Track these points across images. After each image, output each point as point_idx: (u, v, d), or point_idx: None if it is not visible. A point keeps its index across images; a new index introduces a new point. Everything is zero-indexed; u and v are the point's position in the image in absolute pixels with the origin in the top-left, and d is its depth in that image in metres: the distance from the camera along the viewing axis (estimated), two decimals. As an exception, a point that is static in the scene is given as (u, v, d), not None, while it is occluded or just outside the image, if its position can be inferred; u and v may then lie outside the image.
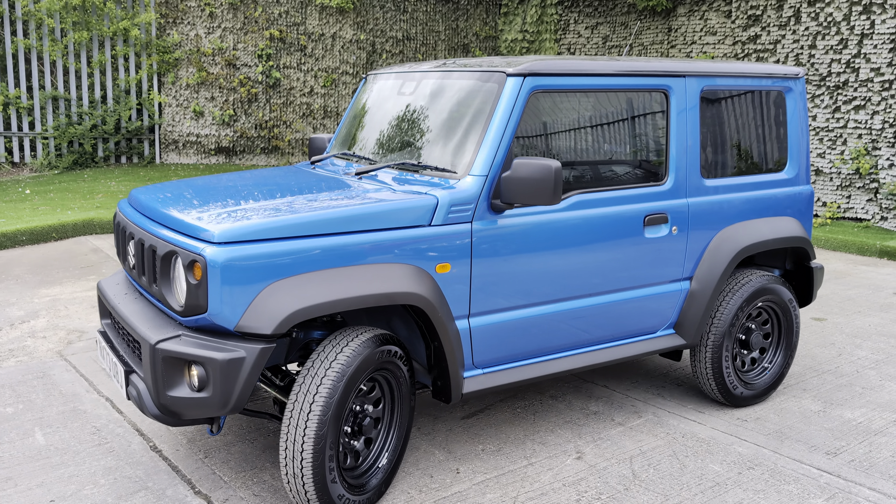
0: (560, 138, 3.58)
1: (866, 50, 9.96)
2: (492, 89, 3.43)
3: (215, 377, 2.75)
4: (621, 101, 3.74)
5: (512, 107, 3.35)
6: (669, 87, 3.85)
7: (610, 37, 12.89)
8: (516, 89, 3.37)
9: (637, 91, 3.77)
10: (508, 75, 3.40)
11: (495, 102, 3.38)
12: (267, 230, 2.85)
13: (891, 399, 4.57)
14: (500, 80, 3.42)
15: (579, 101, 3.60)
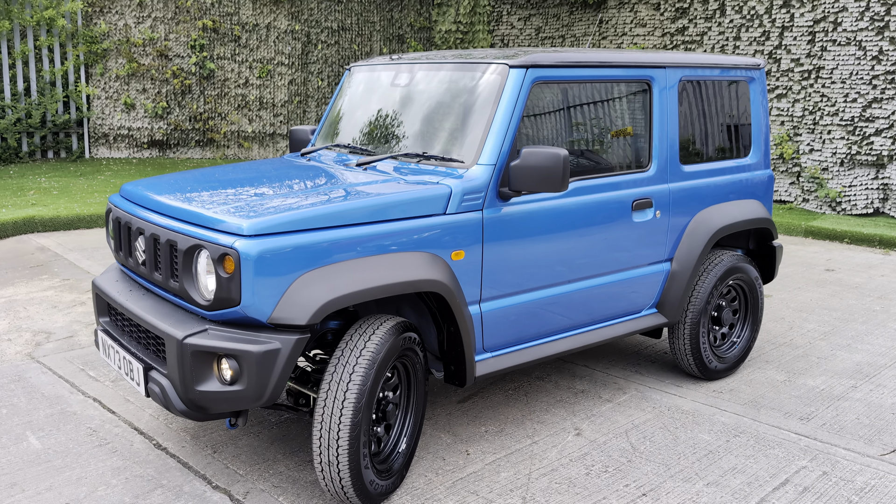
0: (556, 127, 3.70)
1: (787, 41, 10.54)
2: (495, 81, 3.53)
3: (250, 370, 2.75)
4: (611, 91, 3.90)
5: (516, 97, 3.46)
6: (653, 78, 4.04)
7: (543, 28, 13.16)
8: (519, 80, 3.48)
9: (625, 81, 3.94)
10: (511, 67, 3.50)
11: (499, 93, 3.47)
12: (295, 222, 2.86)
13: (844, 367, 4.94)
14: (502, 72, 3.52)
15: (573, 92, 3.74)
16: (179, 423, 3.87)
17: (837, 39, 10.12)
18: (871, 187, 10.12)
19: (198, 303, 2.91)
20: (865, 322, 5.94)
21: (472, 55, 3.81)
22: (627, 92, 3.97)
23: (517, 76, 3.48)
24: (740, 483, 3.43)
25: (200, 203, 3.09)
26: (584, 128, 3.82)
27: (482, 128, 3.46)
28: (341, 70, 13.07)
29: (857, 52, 9.98)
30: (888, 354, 5.19)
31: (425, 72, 3.86)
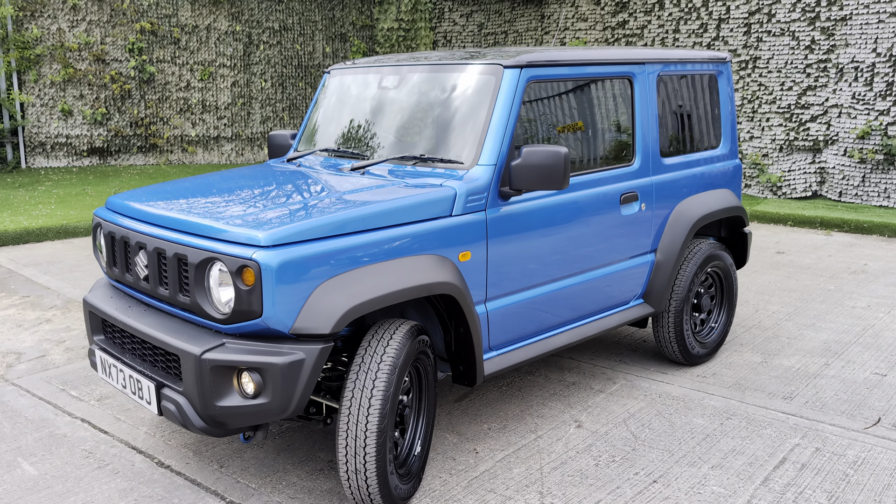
0: (548, 124, 3.76)
1: (724, 33, 10.89)
2: (489, 81, 3.55)
3: (275, 382, 2.71)
4: (597, 88, 3.98)
5: (513, 97, 3.49)
6: (634, 74, 4.13)
7: (485, 24, 13.25)
8: (514, 80, 3.51)
9: (609, 78, 4.02)
10: (505, 67, 3.53)
11: (495, 93, 3.50)
12: (312, 230, 2.83)
13: (813, 346, 5.16)
14: (496, 73, 3.54)
15: (562, 89, 3.80)
16: (178, 439, 3.78)
17: (772, 30, 10.51)
18: (808, 171, 10.56)
19: (212, 317, 2.85)
20: (823, 301, 6.21)
21: (462, 56, 3.83)
22: (612, 88, 4.05)
23: (512, 76, 3.51)
24: (742, 464, 3.56)
25: (208, 215, 3.02)
26: (572, 122, 3.88)
27: (480, 128, 3.48)
28: (284, 71, 12.88)
29: (790, 42, 10.39)
30: (851, 332, 5.45)
31: (415, 73, 3.86)
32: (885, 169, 9.91)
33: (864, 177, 10.08)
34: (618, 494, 3.29)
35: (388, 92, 3.94)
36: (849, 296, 6.38)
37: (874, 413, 4.12)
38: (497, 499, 3.25)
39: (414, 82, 3.85)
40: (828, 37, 10.08)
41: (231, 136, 12.46)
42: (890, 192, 9.90)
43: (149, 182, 10.73)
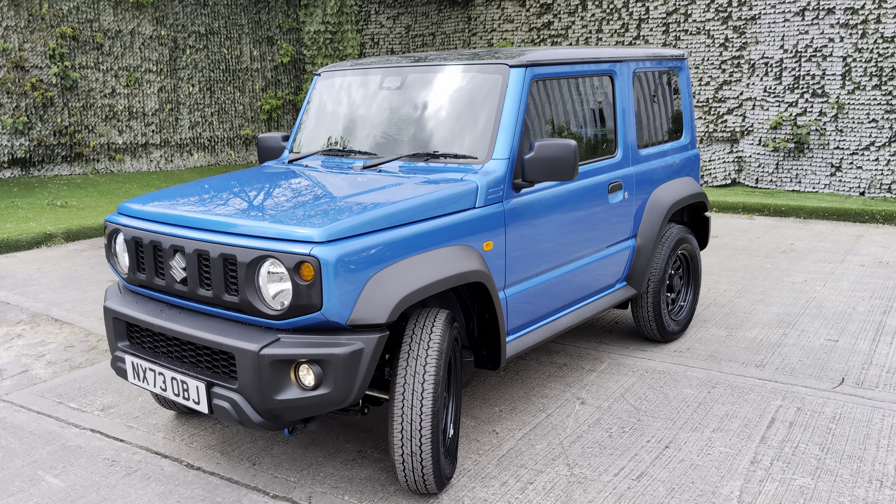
0: (547, 119, 3.98)
1: (644, 32, 11.46)
2: (496, 80, 3.74)
3: (336, 373, 2.82)
4: (586, 84, 4.23)
5: (520, 94, 3.70)
6: (615, 71, 4.42)
7: (413, 27, 13.42)
8: (520, 78, 3.72)
9: (597, 75, 4.28)
10: (511, 67, 3.73)
11: (503, 91, 3.70)
12: (361, 225, 2.95)
13: (768, 319, 5.60)
14: (503, 72, 3.74)
15: (559, 86, 4.03)
16: (200, 441, 3.79)
17: (689, 29, 11.14)
18: (727, 160, 11.26)
19: (264, 313, 2.92)
20: (766, 279, 6.71)
21: (464, 57, 4.00)
22: (598, 85, 4.32)
23: (518, 75, 3.72)
24: (738, 426, 3.88)
25: (252, 216, 3.08)
26: (568, 118, 4.12)
27: (491, 124, 3.67)
28: (212, 75, 12.66)
29: (706, 41, 11.05)
30: (797, 304, 5.94)
31: (419, 74, 4.00)
32: (795, 156, 10.69)
33: (777, 164, 10.84)
34: (638, 460, 3.54)
35: (391, 92, 4.07)
36: (785, 273, 6.92)
37: (837, 374, 4.55)
38: (529, 473, 3.45)
39: (418, 83, 3.99)
40: (740, 35, 10.78)
41: (160, 143, 12.15)
42: (801, 178, 10.69)
43: (79, 192, 10.36)
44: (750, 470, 3.44)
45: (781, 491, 3.25)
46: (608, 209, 4.35)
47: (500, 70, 3.75)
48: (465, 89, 3.84)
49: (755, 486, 3.30)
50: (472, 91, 3.81)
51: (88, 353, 5.07)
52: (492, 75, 3.77)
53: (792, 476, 3.38)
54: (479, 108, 3.75)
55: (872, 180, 10.21)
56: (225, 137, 12.98)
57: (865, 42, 10.00)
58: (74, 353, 5.07)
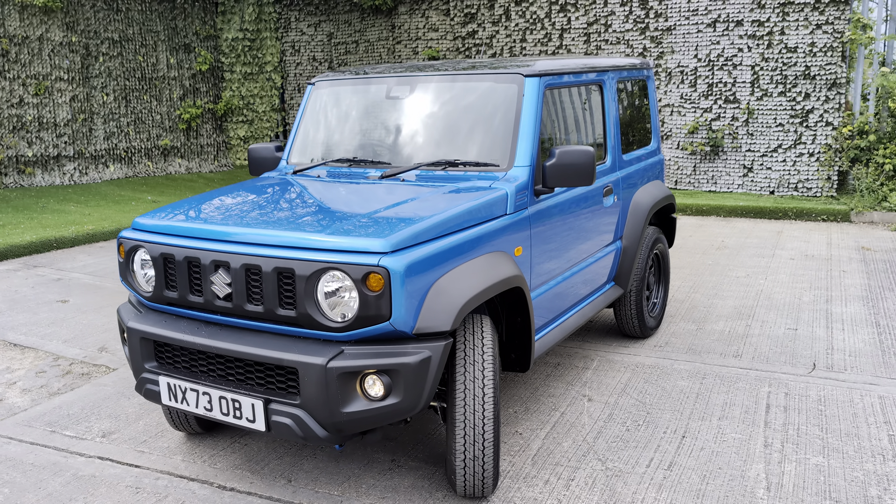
0: (554, 127, 4.11)
1: (567, 42, 11.86)
2: (512, 89, 3.84)
3: (407, 382, 2.82)
4: (582, 92, 4.39)
5: (536, 102, 3.81)
6: (604, 80, 4.61)
7: (335, 34, 13.33)
8: (535, 87, 3.83)
9: (592, 84, 4.45)
10: (526, 76, 3.84)
11: (520, 100, 3.80)
12: (419, 234, 2.97)
13: (728, 312, 5.96)
14: (518, 81, 3.84)
15: (563, 95, 4.17)
16: (223, 462, 3.68)
17: (609, 39, 11.62)
18: (648, 164, 11.80)
19: (326, 326, 2.89)
20: (712, 274, 7.12)
21: (475, 66, 4.07)
22: (592, 93, 4.49)
23: (534, 84, 3.83)
24: (740, 413, 4.13)
25: (304, 228, 3.04)
26: (569, 125, 4.26)
27: (510, 132, 3.76)
28: (128, 83, 12.13)
29: (626, 50, 11.55)
30: (748, 297, 6.34)
31: (430, 83, 4.04)
32: (711, 159, 11.34)
33: (694, 166, 11.46)
34: (662, 451, 3.72)
35: (399, 101, 4.08)
36: (727, 268, 7.36)
37: (807, 360, 4.91)
38: (567, 470, 3.55)
39: (429, 92, 4.03)
40: (657, 45, 11.35)
41: (73, 155, 11.52)
42: (716, 179, 11.35)
43: (-10, 209, 9.70)
44: (766, 453, 3.67)
45: (801, 470, 3.50)
46: (604, 213, 4.53)
47: (515, 80, 3.85)
48: (479, 98, 3.91)
49: (776, 467, 3.54)
50: (487, 100, 3.89)
51: (64, 377, 4.80)
52: (507, 84, 3.86)
53: (805, 456, 3.64)
54: (496, 116, 3.83)
55: (781, 180, 10.97)
56: (142, 148, 12.45)
57: (771, 52, 10.74)
58: (48, 378, 4.79)
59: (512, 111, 3.80)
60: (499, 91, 3.88)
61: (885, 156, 10.19)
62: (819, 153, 10.72)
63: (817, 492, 3.31)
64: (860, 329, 5.47)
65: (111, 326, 5.78)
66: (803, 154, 10.81)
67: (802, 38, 10.56)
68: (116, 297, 6.58)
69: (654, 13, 11.26)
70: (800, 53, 10.60)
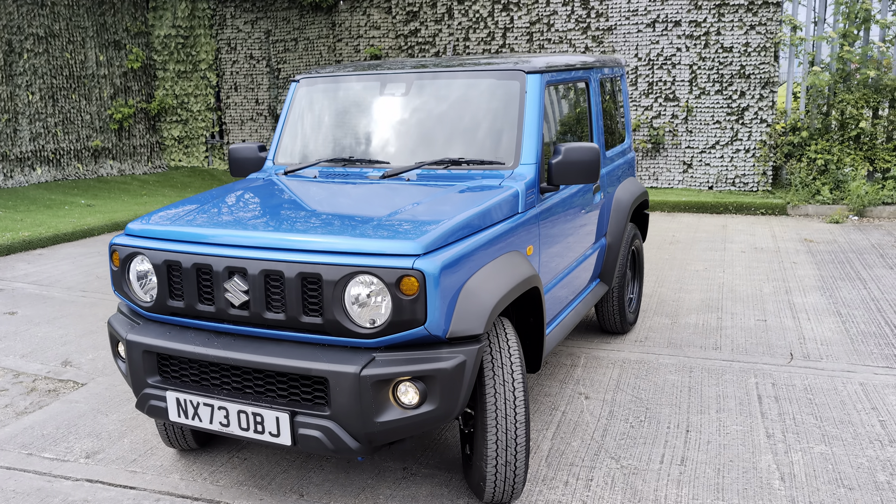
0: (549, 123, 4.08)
1: (510, 41, 11.91)
2: (514, 86, 3.78)
3: (443, 388, 2.73)
4: (571, 90, 4.38)
5: (538, 100, 3.77)
6: (590, 77, 4.61)
7: (273, 31, 13.00)
8: (537, 84, 3.79)
9: (581, 80, 4.45)
10: (527, 73, 3.79)
11: (522, 97, 3.75)
12: (447, 235, 2.88)
13: (696, 305, 6.08)
14: (520, 78, 3.79)
15: (559, 92, 4.15)
16: (226, 479, 3.49)
17: (552, 38, 11.73)
18: (592, 162, 11.96)
19: (355, 333, 2.77)
20: (672, 269, 7.26)
21: (471, 63, 3.99)
22: (580, 89, 4.49)
23: (535, 81, 3.79)
24: (735, 405, 4.21)
25: (328, 231, 2.90)
26: (562, 122, 4.24)
27: (514, 130, 3.71)
28: (55, 81, 11.49)
29: (568, 49, 11.69)
30: (711, 290, 6.49)
31: (426, 81, 3.95)
32: (653, 156, 11.60)
33: (637, 163, 11.69)
34: (672, 447, 3.74)
35: (395, 99, 3.97)
36: (685, 262, 7.52)
37: (783, 350, 5.05)
38: (583, 470, 3.53)
39: (426, 89, 3.94)
40: (598, 44, 11.52)
41: (-4, 158, 10.86)
42: (658, 175, 11.61)
43: None
44: (771, 444, 3.74)
45: (808, 459, 3.58)
46: (593, 209, 4.54)
47: (517, 76, 3.80)
48: (479, 95, 3.84)
49: (784, 457, 3.61)
50: (488, 97, 3.83)
51: (30, 395, 4.48)
52: (508, 81, 3.81)
53: (808, 445, 3.72)
54: (498, 113, 3.78)
55: (719, 175, 11.31)
56: (72, 149, 11.83)
57: (708, 52, 11.06)
58: (12, 397, 4.46)
59: (515, 108, 3.75)
60: (500, 88, 3.82)
61: (817, 151, 10.64)
62: (755, 149, 11.11)
63: (829, 480, 3.39)
64: (825, 319, 5.67)
65: (70, 339, 5.44)
66: (740, 150, 11.17)
67: (737, 39, 10.91)
68: (67, 307, 6.21)
69: (596, 13, 11.43)
70: (735, 53, 10.95)
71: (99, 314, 6.02)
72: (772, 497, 3.26)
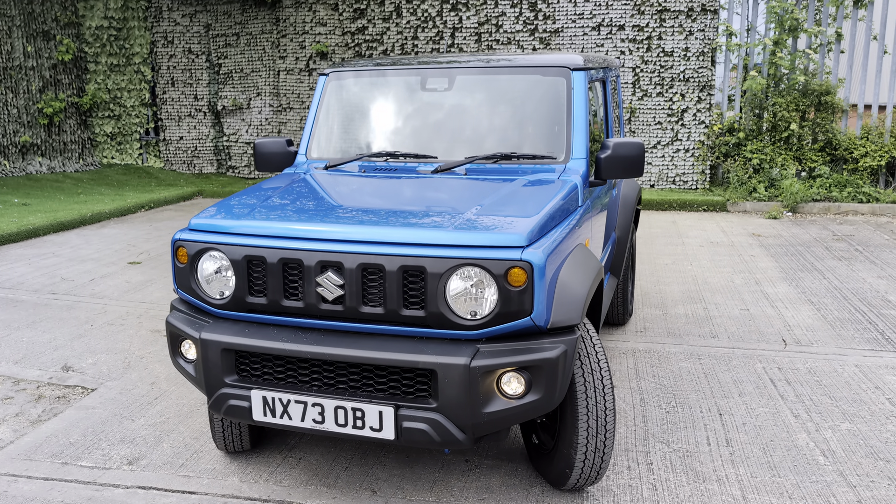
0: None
1: (458, 40, 12.01)
2: (560, 82, 3.86)
3: (548, 377, 2.77)
4: (597, 87, 4.50)
5: (585, 96, 3.86)
6: (607, 76, 4.75)
7: (213, 25, 12.60)
8: (582, 80, 3.88)
9: (602, 79, 4.57)
10: (573, 70, 3.88)
11: (569, 93, 3.83)
12: (541, 227, 2.92)
13: (680, 297, 6.34)
14: (566, 75, 3.87)
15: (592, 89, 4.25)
16: (288, 478, 3.41)
17: (500, 39, 11.90)
18: (539, 161, 12.21)
19: (458, 325, 2.78)
20: (641, 262, 7.53)
21: (512, 59, 4.04)
22: (601, 87, 4.62)
23: (581, 77, 3.88)
24: (753, 389, 4.43)
25: (430, 225, 2.88)
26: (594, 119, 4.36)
27: (563, 126, 3.79)
28: (-20, 73, 10.76)
29: (516, 50, 11.88)
30: (686, 282, 6.77)
31: (470, 76, 3.97)
32: (597, 155, 11.94)
33: (582, 163, 12.00)
34: (713, 430, 3.90)
35: (439, 94, 3.98)
36: (651, 256, 7.81)
37: (775, 336, 5.34)
38: (640, 455, 3.64)
39: (470, 84, 3.96)
40: (546, 45, 11.77)
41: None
42: (602, 174, 11.97)
43: None
44: (800, 423, 3.97)
45: (840, 436, 3.82)
46: (612, 205, 4.67)
47: (562, 73, 3.88)
48: (525, 91, 3.90)
49: (817, 435, 3.83)
50: (533, 93, 3.89)
51: (38, 402, 4.22)
52: (555, 78, 3.88)
53: (835, 423, 3.97)
54: (545, 109, 3.84)
55: (660, 174, 11.77)
56: (-2, 146, 11.11)
57: (650, 55, 11.49)
58: (21, 405, 4.19)
59: (563, 104, 3.82)
60: (546, 84, 3.89)
61: (752, 151, 11.24)
62: (694, 149, 11.62)
63: (866, 454, 3.63)
64: (800, 307, 6.03)
65: (60, 343, 5.15)
66: (680, 150, 11.66)
67: (678, 43, 11.39)
68: (41, 310, 5.86)
69: (543, 15, 11.68)
70: (675, 57, 11.42)
71: (80, 317, 5.72)
72: (822, 472, 3.47)
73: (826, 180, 10.83)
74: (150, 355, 4.95)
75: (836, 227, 9.57)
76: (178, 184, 12.14)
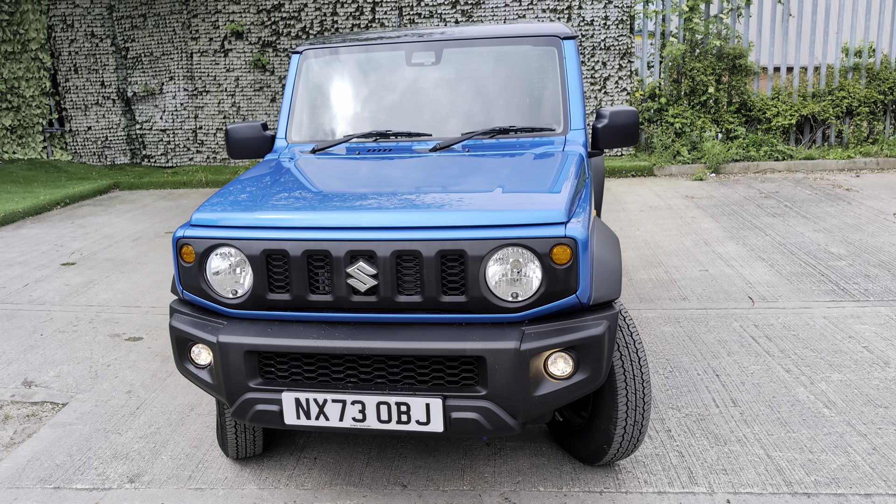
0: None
1: (379, 15, 11.74)
2: (551, 52, 3.78)
3: (595, 355, 2.71)
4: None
5: (577, 64, 3.80)
6: (573, 44, 4.70)
7: (117, 7, 11.82)
8: (573, 49, 3.82)
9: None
10: (563, 39, 3.81)
11: (562, 63, 3.76)
12: (570, 200, 2.85)
13: (639, 262, 6.44)
14: (556, 44, 3.79)
15: (573, 60, 4.20)
16: (310, 482, 3.25)
17: (422, 13, 11.71)
18: (467, 135, 12.15)
19: (500, 308, 2.68)
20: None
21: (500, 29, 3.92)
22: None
23: (572, 46, 3.81)
24: (738, 348, 4.53)
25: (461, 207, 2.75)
26: (577, 92, 4.31)
27: (558, 96, 3.72)
28: None
29: (438, 23, 11.72)
30: (640, 247, 6.89)
31: (457, 49, 3.83)
32: (524, 126, 11.98)
33: (510, 135, 12.02)
34: (716, 392, 3.96)
35: (425, 69, 3.83)
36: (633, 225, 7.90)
37: (741, 295, 5.50)
38: (656, 422, 3.66)
39: (458, 57, 3.83)
40: (468, 18, 11.66)
41: None
42: (530, 145, 12.03)
43: None
44: (794, 378, 4.09)
45: (835, 387, 3.96)
46: (596, 175, 4.66)
47: (553, 42, 3.80)
48: (516, 63, 3.81)
49: (814, 388, 3.96)
50: (525, 64, 3.80)
51: (6, 423, 3.86)
52: (545, 47, 3.80)
53: (826, 375, 4.11)
54: (539, 80, 3.77)
55: (587, 143, 11.93)
56: None
57: (571, 24, 11.56)
58: (-13, 429, 3.83)
59: (556, 74, 3.76)
60: (537, 54, 3.81)
61: (674, 116, 11.54)
62: (618, 116, 11.81)
63: (864, 402, 3.78)
64: (754, 264, 6.23)
65: (11, 357, 4.73)
66: (604, 118, 11.83)
67: (597, 13, 11.51)
68: (-24, 323, 5.38)
69: (464, -13, 11.54)
70: (596, 26, 11.55)
71: (25, 326, 5.27)
72: (831, 424, 3.58)
73: (743, 140, 11.25)
74: (117, 362, 4.62)
75: (760, 185, 9.97)
76: (90, 177, 11.41)
